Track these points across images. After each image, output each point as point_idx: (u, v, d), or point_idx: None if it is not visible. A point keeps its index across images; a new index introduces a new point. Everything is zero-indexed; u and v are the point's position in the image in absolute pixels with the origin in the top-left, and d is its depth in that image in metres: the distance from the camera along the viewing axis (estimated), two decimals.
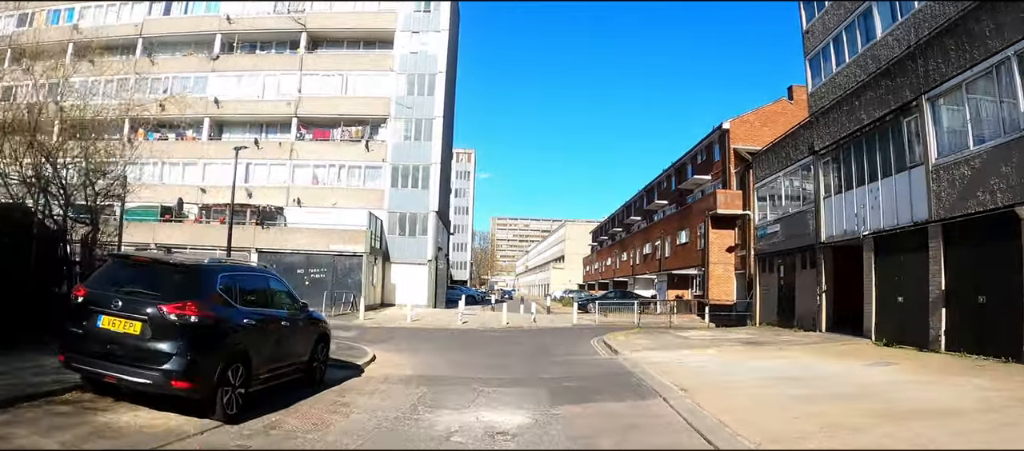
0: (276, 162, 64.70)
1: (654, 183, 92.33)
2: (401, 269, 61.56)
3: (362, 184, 63.10)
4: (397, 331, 35.78)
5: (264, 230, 55.73)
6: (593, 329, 39.86)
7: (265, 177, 64.78)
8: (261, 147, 64.92)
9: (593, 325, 44.72)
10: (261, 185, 64.27)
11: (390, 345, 27.40)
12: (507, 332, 37.47)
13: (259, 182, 64.56)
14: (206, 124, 67.28)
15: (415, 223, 61.77)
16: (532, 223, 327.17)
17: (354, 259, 53.45)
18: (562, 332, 38.41)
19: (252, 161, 64.50)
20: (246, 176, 63.91)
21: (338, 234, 54.59)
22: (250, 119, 67.65)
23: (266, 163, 64.91)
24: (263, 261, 53.05)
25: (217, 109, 66.61)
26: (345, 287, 52.75)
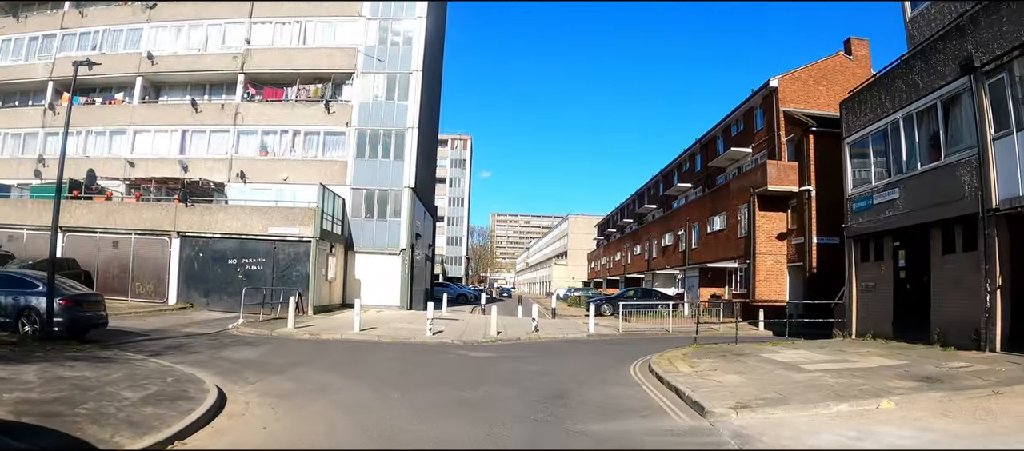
0: (217, 128, 52.75)
1: (673, 165, 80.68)
2: (367, 260, 49.62)
3: (320, 154, 51.06)
4: (330, 347, 25.06)
5: (188, 209, 43.51)
6: (619, 343, 29.61)
7: (204, 147, 52.89)
8: (200, 110, 53.35)
9: (615, 336, 33.89)
10: (199, 156, 52.50)
11: (289, 377, 17.53)
12: (496, 349, 26.09)
13: (197, 153, 52.79)
14: (138, 85, 55.51)
15: (385, 202, 49.74)
16: (533, 219, 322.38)
17: (300, 246, 41.52)
18: (577, 349, 27.23)
19: (190, 127, 53.42)
20: (182, 146, 53.23)
21: (279, 213, 42.69)
22: (190, 78, 55.71)
23: (205, 130, 53.06)
24: (188, 250, 41.43)
25: (152, 66, 55.01)
26: (288, 282, 40.97)
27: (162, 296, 43.09)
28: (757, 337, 33.91)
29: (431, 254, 65.28)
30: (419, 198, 52.58)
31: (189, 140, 53.10)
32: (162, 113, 54.42)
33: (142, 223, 44.19)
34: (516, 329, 34.08)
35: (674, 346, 25.89)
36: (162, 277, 43.44)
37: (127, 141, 54.32)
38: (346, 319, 36.06)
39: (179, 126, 53.40)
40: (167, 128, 53.70)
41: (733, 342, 26.85)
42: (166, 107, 54.90)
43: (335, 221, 46.50)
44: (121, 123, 54.81)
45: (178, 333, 28.03)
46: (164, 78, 55.88)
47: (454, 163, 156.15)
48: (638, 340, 31.93)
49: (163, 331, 28.42)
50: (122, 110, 55.43)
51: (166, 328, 29.82)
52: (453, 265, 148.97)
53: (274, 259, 41.58)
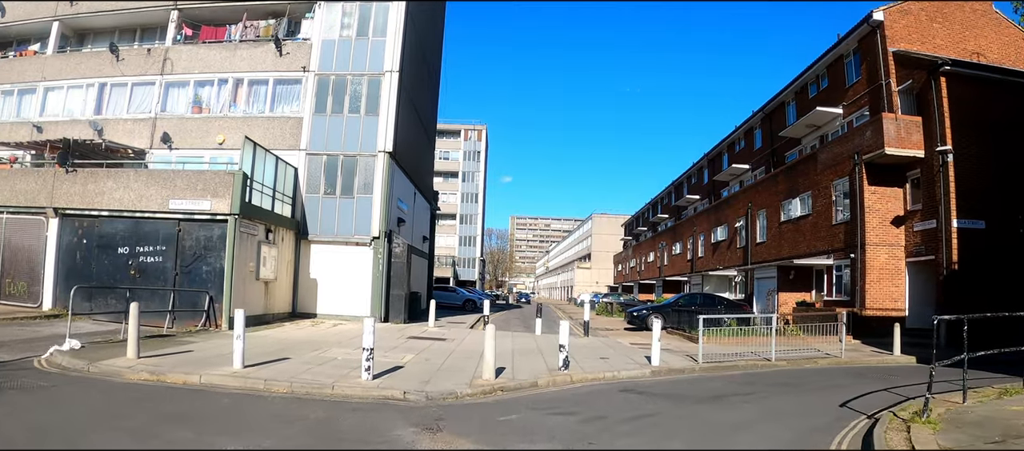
0: (141, 81, 40.20)
1: (722, 146, 68.30)
2: (328, 253, 36.62)
3: (268, 109, 38.16)
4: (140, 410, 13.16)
5: (69, 177, 31.05)
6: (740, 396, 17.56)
7: (124, 105, 40.38)
8: (122, 58, 40.88)
9: (699, 371, 22.05)
10: (118, 117, 40.07)
11: None
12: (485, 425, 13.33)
13: (115, 112, 40.38)
14: (54, 32, 44.00)
15: (353, 174, 36.82)
16: (553, 222, 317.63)
17: (214, 227, 28.89)
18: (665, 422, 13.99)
19: (108, 80, 41.02)
20: (98, 104, 40.94)
21: (185, 180, 29.78)
22: (115, 21, 43.70)
23: (126, 82, 40.54)
24: (69, 234, 30.67)
25: (70, 8, 43.15)
26: (197, 280, 28.57)
27: (36, 298, 31.19)
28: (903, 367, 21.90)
29: (429, 250, 52.27)
30: (403, 171, 39.78)
31: (107, 96, 40.88)
32: (77, 64, 42.35)
33: (15, 197, 32.26)
34: (531, 362, 21.85)
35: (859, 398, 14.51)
36: (36, 272, 31.47)
37: (37, 101, 42.69)
38: (264, 341, 24.01)
39: (95, 79, 41.23)
40: (82, 82, 41.60)
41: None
42: (81, 56, 42.79)
43: (280, 197, 34.05)
44: (31, 79, 43.21)
45: None
46: (85, 22, 44.04)
47: (468, 155, 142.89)
48: (755, 382, 19.83)
49: None
50: (32, 63, 43.86)
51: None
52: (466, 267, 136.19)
53: (178, 247, 29.01)
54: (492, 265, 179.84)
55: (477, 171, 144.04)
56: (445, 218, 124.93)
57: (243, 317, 17.27)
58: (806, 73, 47.38)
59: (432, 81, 51.93)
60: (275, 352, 20.69)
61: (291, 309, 35.39)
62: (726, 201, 57.10)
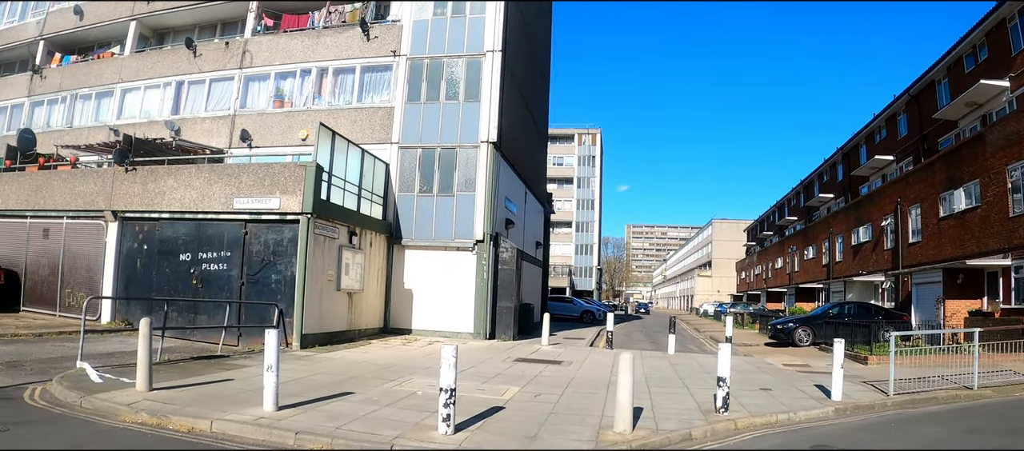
0: (219, 76, 36.72)
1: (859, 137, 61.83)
2: (423, 260, 31.94)
3: (356, 100, 33.81)
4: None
5: (129, 176, 27.45)
6: None
7: (201, 102, 37.03)
8: (199, 54, 37.47)
9: (895, 408, 16.34)
10: (195, 116, 36.78)
11: None
12: None
13: (193, 111, 37.10)
14: (131, 32, 41.30)
15: (451, 168, 32.06)
16: (669, 230, 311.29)
17: (284, 229, 24.61)
18: None
19: (186, 78, 37.79)
20: (176, 103, 37.71)
21: (251, 175, 25.48)
22: (193, 17, 40.57)
23: (204, 79, 37.15)
24: (129, 239, 27.54)
25: (147, 6, 40.26)
26: (265, 291, 24.32)
27: (94, 310, 27.79)
28: None
29: (543, 257, 47.32)
30: (510, 165, 35.05)
31: (184, 95, 37.65)
32: (154, 64, 39.27)
33: (74, 200, 29.16)
34: (674, 397, 16.56)
35: None
36: (95, 281, 28.19)
37: (114, 103, 40.09)
38: (332, 366, 19.76)
39: (173, 78, 38.08)
40: (159, 82, 38.55)
41: None
42: (158, 55, 39.69)
43: (368, 196, 29.65)
44: (108, 81, 40.70)
45: None
46: (163, 20, 41.25)
47: (582, 160, 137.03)
48: (974, 423, 14.61)
49: None
50: (110, 65, 41.29)
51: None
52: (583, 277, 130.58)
53: (244, 252, 24.87)
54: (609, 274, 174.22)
55: (592, 176, 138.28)
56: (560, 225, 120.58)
57: (276, 341, 12.51)
58: (960, 45, 41.08)
59: (542, 77, 47.15)
60: (335, 384, 16.04)
61: (382, 324, 30.97)
62: (868, 198, 50.63)
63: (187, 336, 24.16)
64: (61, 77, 43.43)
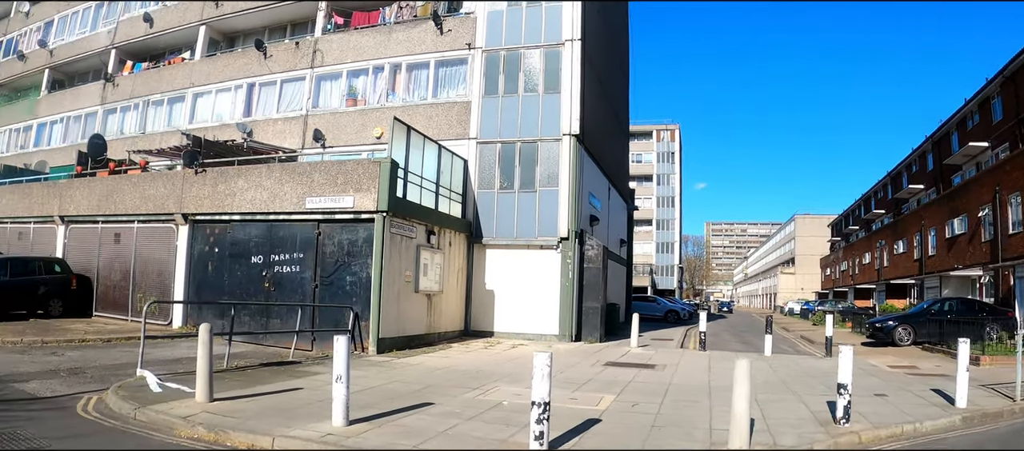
0: (290, 76, 36.00)
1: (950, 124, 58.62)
2: (504, 259, 30.40)
3: (431, 95, 32.44)
4: None
5: (198, 178, 26.56)
6: None
7: (273, 104, 36.41)
8: (270, 56, 36.80)
9: None
10: (267, 117, 36.25)
11: None
12: None
13: (265, 112, 36.65)
14: (201, 37, 41.05)
15: (533, 163, 30.39)
16: (750, 227, 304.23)
17: (359, 229, 23.24)
18: None
19: (257, 79, 37.30)
20: (247, 105, 37.19)
21: (323, 173, 24.11)
22: (262, 19, 40.20)
23: (275, 80, 36.50)
24: (199, 242, 26.68)
25: (216, 10, 40.01)
26: (342, 294, 23.02)
27: (166, 315, 27.14)
28: None
29: (627, 255, 45.54)
30: (593, 159, 33.39)
31: (255, 97, 37.19)
32: (224, 67, 38.99)
33: (144, 204, 28.40)
34: (784, 404, 14.77)
35: None
36: (167, 285, 27.30)
37: (186, 108, 40.00)
38: (410, 373, 18.30)
39: (243, 80, 37.67)
40: (229, 84, 38.20)
41: None
42: (229, 58, 39.48)
43: (447, 194, 28.23)
44: (179, 86, 40.62)
45: None
46: (232, 23, 40.97)
47: (661, 157, 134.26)
48: None
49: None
50: (181, 70, 41.24)
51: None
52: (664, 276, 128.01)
53: (318, 254, 23.62)
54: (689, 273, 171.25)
55: (672, 173, 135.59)
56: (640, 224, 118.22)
57: (346, 348, 11.01)
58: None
59: (621, 71, 45.52)
60: (413, 394, 14.51)
61: (463, 327, 29.52)
62: (962, 187, 47.65)
63: (259, 341, 23.10)
64: (133, 84, 43.51)
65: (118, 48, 45.69)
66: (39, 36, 52.31)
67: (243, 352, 20.50)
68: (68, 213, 31.61)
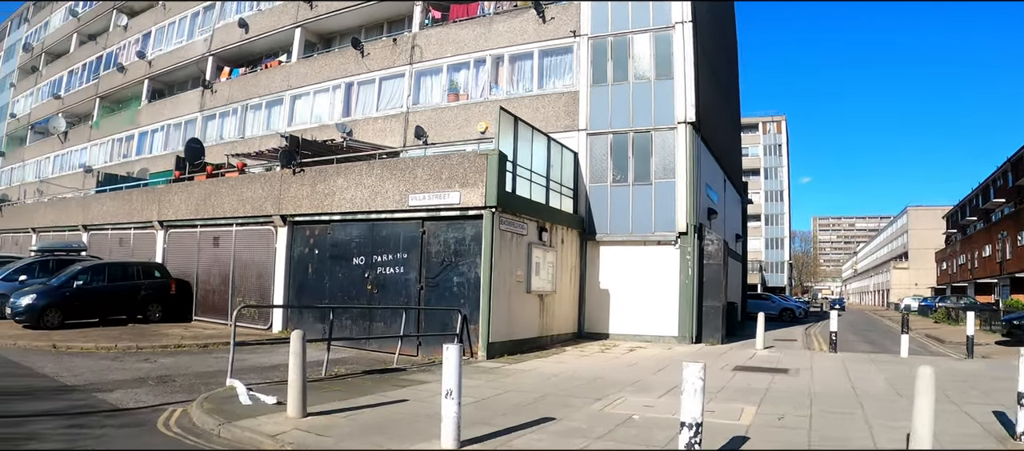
0: (389, 74, 34.99)
1: None
2: (619, 256, 28.42)
3: (536, 87, 30.71)
4: None
5: (296, 178, 25.51)
6: None
7: (372, 102, 35.57)
8: (367, 54, 35.89)
9: None
10: (366, 116, 35.51)
11: None
12: None
13: (364, 112, 35.92)
14: (297, 39, 40.60)
15: (647, 154, 28.29)
16: (858, 221, 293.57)
17: (466, 227, 21.61)
18: None
19: (354, 79, 36.57)
20: (346, 105, 36.51)
21: (426, 168, 22.57)
22: (358, 18, 39.22)
23: (373, 78, 35.62)
24: (299, 244, 25.72)
25: (311, 11, 39.53)
26: (449, 296, 21.48)
27: (266, 319, 26.36)
28: None
29: (741, 250, 43.23)
30: (709, 149, 31.30)
31: (354, 96, 36.45)
32: (321, 68, 38.39)
33: (242, 206, 27.66)
34: (949, 416, 12.09)
35: None
36: (266, 289, 26.47)
37: (284, 110, 39.64)
38: (525, 380, 16.67)
39: (341, 80, 36.95)
40: (327, 85, 37.59)
41: None
42: (325, 59, 38.90)
43: (557, 188, 26.49)
44: (277, 89, 40.28)
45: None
46: (327, 24, 40.40)
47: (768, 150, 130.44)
48: None
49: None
50: (278, 73, 40.90)
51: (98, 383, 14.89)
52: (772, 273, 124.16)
53: (423, 253, 22.15)
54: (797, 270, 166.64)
55: (779, 166, 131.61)
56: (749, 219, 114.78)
57: (457, 359, 9.54)
58: None
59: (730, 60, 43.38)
60: (530, 406, 12.83)
61: (576, 329, 27.68)
62: None
63: (362, 346, 21.88)
64: (230, 90, 43.53)
65: (215, 55, 45.77)
66: (137, 48, 53.10)
67: (344, 358, 19.32)
68: (167, 218, 31.32)
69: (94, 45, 60.88)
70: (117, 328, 25.23)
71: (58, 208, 42.92)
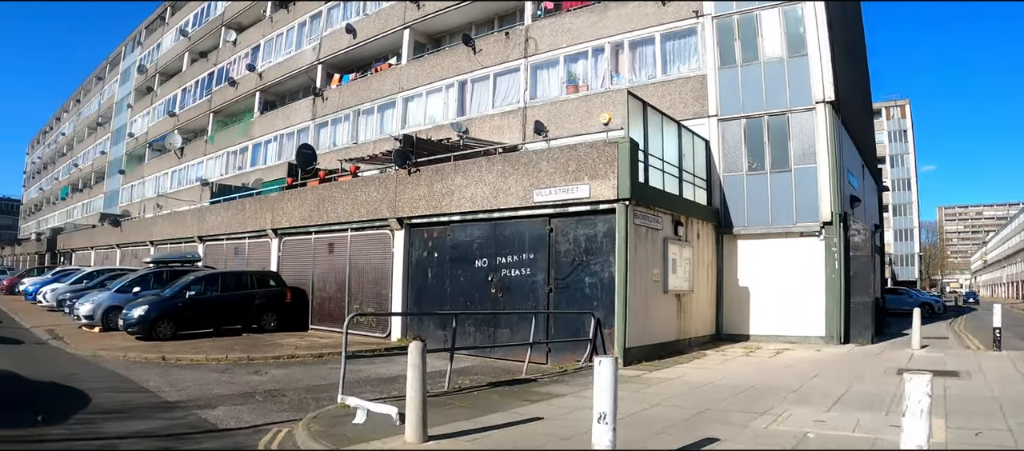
0: (503, 69, 33.83)
1: None
2: (757, 250, 26.21)
3: (660, 73, 28.81)
4: None
5: (412, 179, 24.31)
6: None
7: (487, 99, 34.47)
8: (479, 50, 34.75)
9: None
10: (482, 114, 34.42)
11: None
12: None
13: (480, 109, 34.83)
14: (406, 40, 39.65)
15: (783, 138, 25.95)
16: (985, 210, 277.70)
17: (597, 223, 19.84)
18: None
19: (468, 76, 35.56)
20: (460, 104, 35.60)
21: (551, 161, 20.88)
22: (468, 16, 38.11)
23: (487, 74, 34.51)
24: (417, 248, 24.35)
25: (418, 11, 38.80)
26: (580, 298, 19.79)
27: (384, 327, 25.16)
28: None
29: (879, 242, 40.60)
30: (847, 132, 28.82)
31: (468, 94, 35.45)
32: (433, 67, 37.48)
33: (356, 211, 26.68)
34: None
35: None
36: (384, 294, 25.43)
37: (397, 113, 38.92)
38: (671, 389, 15.23)
39: (454, 78, 36.01)
40: (440, 84, 36.65)
41: None
42: (436, 58, 38.02)
43: (690, 178, 24.48)
44: (388, 92, 39.65)
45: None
46: (435, 23, 39.59)
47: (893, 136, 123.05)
48: None
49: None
50: (388, 76, 40.29)
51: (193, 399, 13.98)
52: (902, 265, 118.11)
53: (550, 253, 20.52)
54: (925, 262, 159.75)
55: (905, 153, 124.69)
56: None
57: (611, 374, 8.02)
58: None
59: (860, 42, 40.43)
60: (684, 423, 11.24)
61: (714, 331, 25.66)
62: None
63: (486, 353, 20.50)
64: (341, 96, 43.24)
65: (324, 63, 45.69)
66: (247, 61, 53.69)
67: (467, 367, 18.04)
68: (280, 225, 30.84)
69: (205, 62, 62.22)
70: (230, 338, 24.78)
71: (174, 221, 43.60)
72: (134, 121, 76.84)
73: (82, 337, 24.77)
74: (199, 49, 64.75)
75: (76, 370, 17.56)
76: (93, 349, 21.53)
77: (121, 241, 53.49)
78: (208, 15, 63.47)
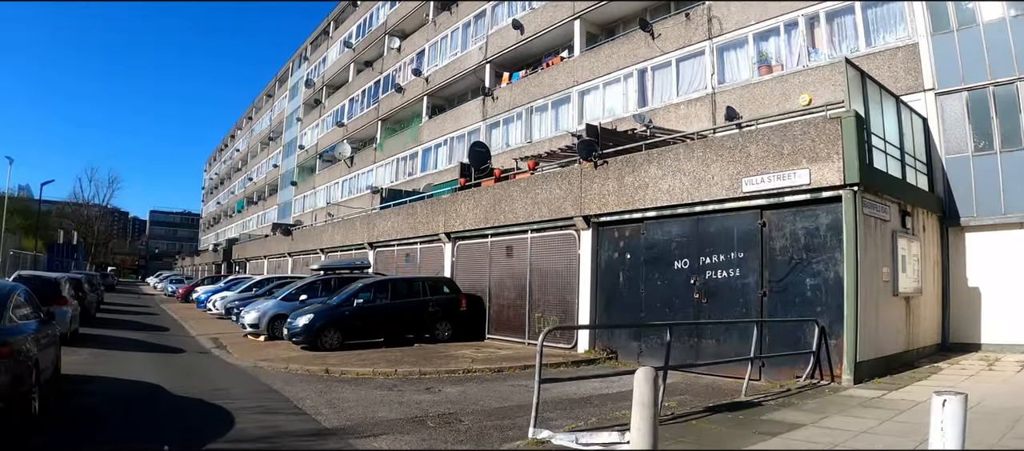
0: (685, 53, 31.45)
1: None
2: (987, 244, 22.51)
3: (863, 45, 25.77)
4: None
5: (598, 173, 22.41)
6: None
7: (670, 87, 32.14)
8: (658, 35, 32.50)
9: None
10: (666, 103, 32.06)
11: None
12: None
13: (663, 98, 32.43)
14: (577, 31, 37.87)
15: (1012, 111, 22.20)
16: None
17: (817, 214, 17.16)
18: None
19: (647, 64, 33.38)
20: (641, 94, 33.47)
21: (762, 145, 18.26)
22: (640, 2, 35.74)
23: (669, 61, 32.18)
24: (606, 249, 22.31)
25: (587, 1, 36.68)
26: (800, 303, 17.07)
27: (569, 338, 22.98)
28: None
29: None
30: None
31: (649, 83, 33.17)
32: (607, 58, 35.45)
33: (537, 210, 24.87)
34: None
35: None
36: (569, 301, 23.48)
37: (573, 108, 37.12)
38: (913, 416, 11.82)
39: (632, 67, 33.89)
40: (617, 75, 34.67)
41: None
42: (610, 47, 35.92)
43: (911, 162, 21.45)
44: (562, 87, 38.02)
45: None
46: (606, 12, 37.68)
47: None
48: None
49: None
50: (560, 70, 38.65)
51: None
52: None
53: (763, 251, 17.99)
54: None
55: None
56: None
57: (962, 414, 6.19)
58: None
59: None
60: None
61: (939, 339, 22.16)
62: None
63: (688, 369, 17.81)
64: (512, 94, 42.01)
65: (491, 62, 44.87)
66: (413, 66, 53.98)
67: (673, 385, 15.44)
68: (454, 229, 29.69)
69: (371, 71, 63.05)
70: (400, 349, 23.73)
71: (344, 228, 43.80)
72: (304, 134, 78.98)
73: (245, 346, 24.63)
74: (364, 59, 65.90)
75: (230, 385, 16.79)
76: (254, 360, 21.08)
77: (292, 250, 54.22)
78: (371, 25, 64.39)
